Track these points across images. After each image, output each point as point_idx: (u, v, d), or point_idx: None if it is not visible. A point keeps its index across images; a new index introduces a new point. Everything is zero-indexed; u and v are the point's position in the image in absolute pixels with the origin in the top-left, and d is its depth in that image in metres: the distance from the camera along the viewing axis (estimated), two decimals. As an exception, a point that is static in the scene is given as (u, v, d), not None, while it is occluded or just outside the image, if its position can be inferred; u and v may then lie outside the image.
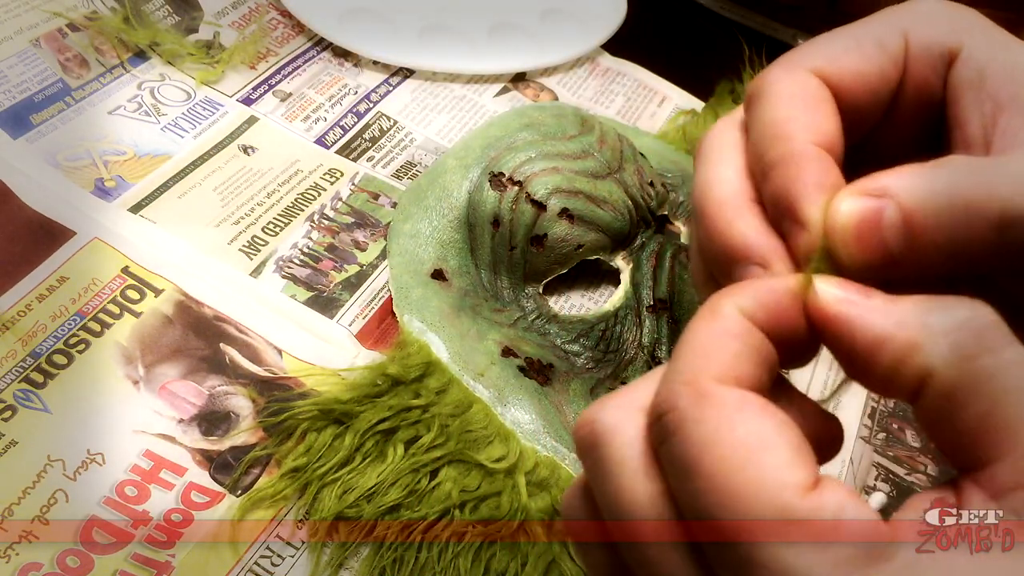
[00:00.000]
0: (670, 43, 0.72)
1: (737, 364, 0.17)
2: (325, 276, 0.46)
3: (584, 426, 0.19)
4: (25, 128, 0.47)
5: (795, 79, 0.20)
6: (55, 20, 0.51)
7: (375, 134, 0.55)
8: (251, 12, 0.60)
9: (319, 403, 0.39)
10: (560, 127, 0.49)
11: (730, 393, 0.17)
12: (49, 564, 0.33)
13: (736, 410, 0.17)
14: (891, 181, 0.18)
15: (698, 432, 0.17)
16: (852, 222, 0.18)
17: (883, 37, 0.21)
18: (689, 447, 0.17)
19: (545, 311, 0.47)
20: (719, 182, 0.21)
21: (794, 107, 0.20)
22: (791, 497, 0.16)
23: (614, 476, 0.18)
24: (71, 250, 0.43)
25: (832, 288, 0.18)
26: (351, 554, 0.36)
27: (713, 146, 0.22)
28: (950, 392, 0.16)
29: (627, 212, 0.47)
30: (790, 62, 0.21)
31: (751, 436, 0.16)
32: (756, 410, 0.17)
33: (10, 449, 0.36)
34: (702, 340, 0.18)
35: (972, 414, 0.16)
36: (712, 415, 0.17)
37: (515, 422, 0.41)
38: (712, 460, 0.16)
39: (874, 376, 0.17)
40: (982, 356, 0.16)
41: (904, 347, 0.17)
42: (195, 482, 0.37)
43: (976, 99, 0.20)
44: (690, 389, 0.17)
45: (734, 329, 0.18)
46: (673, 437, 0.17)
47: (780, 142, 0.19)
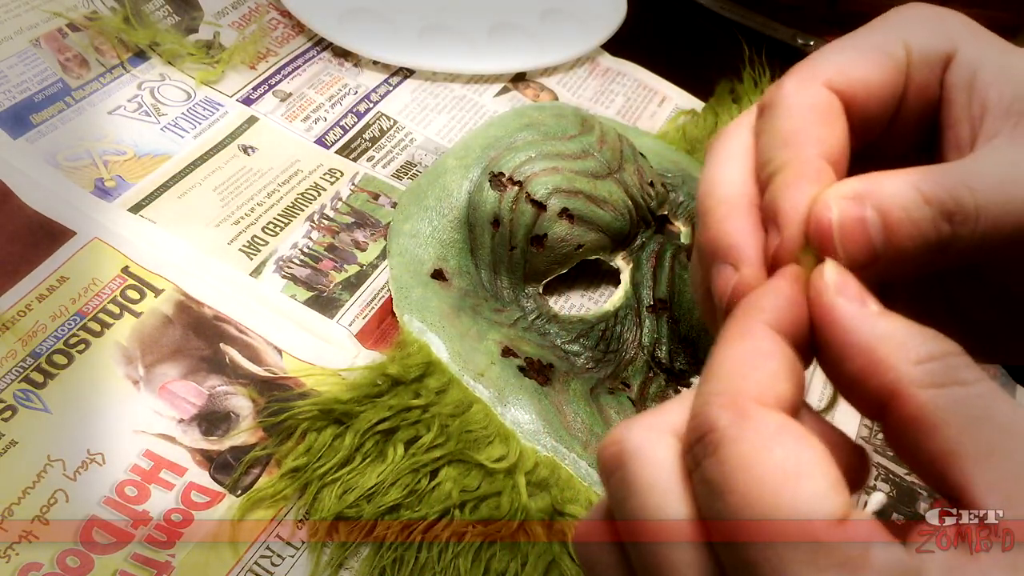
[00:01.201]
0: (670, 43, 0.72)
1: (775, 384, 0.18)
2: (325, 276, 0.46)
3: (610, 446, 0.19)
4: (25, 128, 0.48)
5: (809, 91, 0.21)
6: (55, 20, 0.51)
7: (375, 134, 0.55)
8: (251, 12, 0.60)
9: (319, 403, 0.39)
10: (560, 127, 0.49)
11: (771, 416, 0.17)
12: (49, 564, 0.33)
13: (776, 433, 0.17)
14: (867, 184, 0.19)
15: (737, 452, 0.17)
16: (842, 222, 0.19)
17: (887, 46, 0.21)
18: (726, 467, 0.17)
19: (545, 311, 0.47)
20: (723, 182, 0.21)
21: (805, 119, 0.20)
22: (823, 527, 0.16)
23: (641, 496, 0.18)
24: (71, 250, 0.43)
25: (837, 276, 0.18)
26: (351, 554, 0.36)
27: (723, 146, 0.22)
28: (917, 416, 0.17)
29: (627, 212, 0.47)
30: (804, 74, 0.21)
31: (789, 461, 0.16)
32: (796, 436, 0.17)
33: (10, 449, 0.36)
34: (737, 360, 0.18)
35: (938, 440, 0.17)
36: (752, 436, 0.17)
37: (515, 422, 0.41)
38: (749, 481, 0.16)
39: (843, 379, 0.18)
40: (952, 387, 0.17)
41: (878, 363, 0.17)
42: (195, 482, 0.37)
43: (967, 102, 0.21)
44: (730, 410, 0.17)
45: (768, 348, 0.18)
46: (711, 458, 0.17)
47: (786, 151, 0.20)
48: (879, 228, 0.19)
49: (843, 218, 0.19)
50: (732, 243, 0.20)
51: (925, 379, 0.17)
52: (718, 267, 0.21)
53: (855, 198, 0.19)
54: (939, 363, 0.17)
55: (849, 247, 0.19)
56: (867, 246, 0.19)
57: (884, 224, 0.19)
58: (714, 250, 0.21)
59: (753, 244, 0.20)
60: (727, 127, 0.23)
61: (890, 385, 0.17)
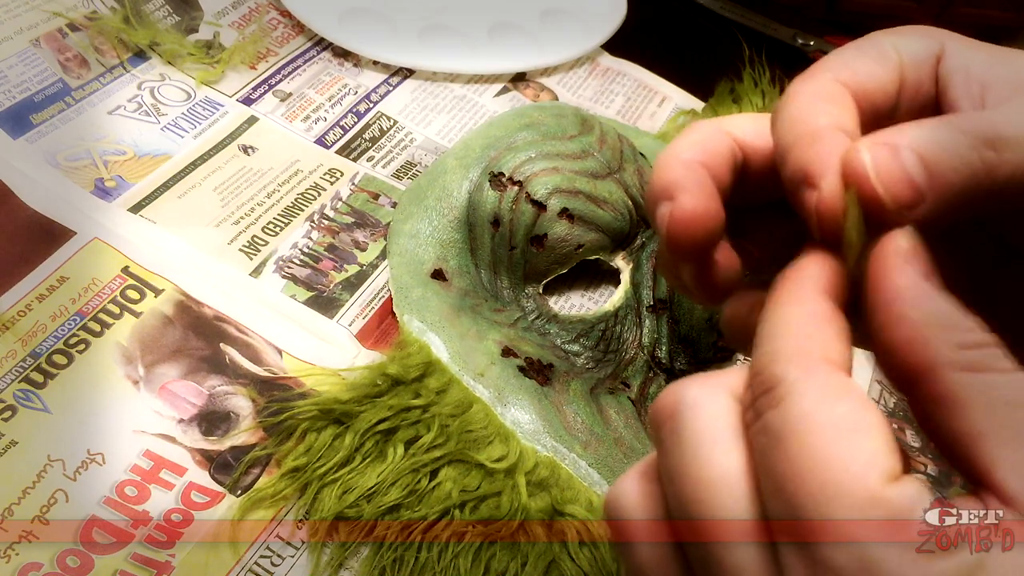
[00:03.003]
0: (670, 43, 0.72)
1: (836, 346, 0.18)
2: (325, 276, 0.46)
3: (666, 397, 0.20)
4: (25, 128, 0.48)
5: (818, 81, 0.22)
6: (55, 20, 0.51)
7: (375, 134, 0.55)
8: (251, 12, 0.60)
9: (319, 403, 0.39)
10: (560, 127, 0.49)
11: (837, 373, 0.18)
12: (49, 564, 0.33)
13: (842, 389, 0.17)
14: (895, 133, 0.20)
15: (803, 404, 0.17)
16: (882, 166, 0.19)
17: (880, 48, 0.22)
18: (791, 416, 0.17)
19: (545, 311, 0.47)
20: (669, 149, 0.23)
21: (816, 101, 0.21)
22: (876, 481, 0.16)
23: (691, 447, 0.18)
24: (71, 250, 0.43)
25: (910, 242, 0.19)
26: (351, 554, 0.36)
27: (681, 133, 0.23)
28: (948, 395, 0.17)
29: (627, 212, 0.47)
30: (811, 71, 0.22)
31: (850, 416, 0.17)
32: (859, 395, 0.17)
33: (10, 449, 0.36)
34: (800, 322, 0.19)
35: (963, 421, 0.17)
36: (818, 390, 0.17)
37: (515, 422, 0.41)
38: (811, 431, 0.17)
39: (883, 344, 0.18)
40: (988, 372, 0.17)
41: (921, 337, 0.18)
42: (195, 482, 0.37)
43: (964, 83, 0.22)
44: (798, 365, 0.18)
45: (828, 312, 0.19)
46: (775, 409, 0.17)
47: (800, 124, 0.21)
48: (918, 166, 0.19)
49: (877, 160, 0.19)
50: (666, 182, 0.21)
51: (963, 362, 0.17)
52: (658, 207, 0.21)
53: (886, 143, 0.19)
54: (979, 352, 0.17)
55: (891, 188, 0.19)
56: (909, 185, 0.19)
57: (923, 162, 0.19)
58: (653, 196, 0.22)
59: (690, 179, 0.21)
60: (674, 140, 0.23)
61: (928, 362, 0.17)
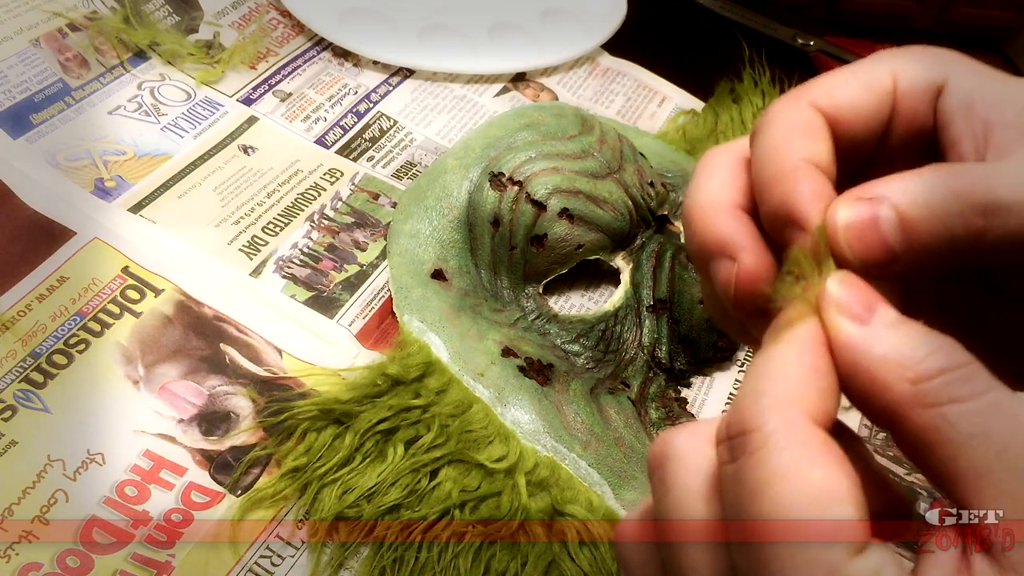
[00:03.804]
0: (670, 43, 0.72)
1: (825, 402, 0.18)
2: (325, 276, 0.46)
3: (657, 445, 0.20)
4: (25, 128, 0.48)
5: (795, 109, 0.21)
6: (55, 20, 0.51)
7: (375, 134, 0.55)
8: (251, 12, 0.60)
9: (319, 403, 0.39)
10: (560, 127, 0.49)
11: (817, 433, 0.17)
12: (49, 564, 0.33)
13: (819, 452, 0.17)
14: (882, 186, 0.19)
15: (777, 460, 0.17)
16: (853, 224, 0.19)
17: (874, 74, 0.22)
18: (764, 472, 0.17)
19: (545, 311, 0.47)
20: (703, 191, 0.22)
21: (791, 132, 0.21)
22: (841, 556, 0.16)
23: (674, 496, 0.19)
24: (71, 250, 0.43)
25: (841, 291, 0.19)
26: (351, 554, 0.36)
27: (703, 166, 0.23)
28: (916, 435, 0.17)
29: (627, 212, 0.47)
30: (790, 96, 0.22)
31: (823, 483, 0.17)
32: (836, 459, 0.17)
33: (10, 449, 0.36)
34: (791, 371, 0.18)
35: (938, 458, 0.17)
36: (796, 447, 0.17)
37: (515, 422, 0.41)
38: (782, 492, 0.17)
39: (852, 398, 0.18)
40: (948, 405, 0.17)
41: (876, 385, 0.18)
42: (195, 482, 0.37)
43: (966, 122, 0.21)
44: (780, 414, 0.17)
45: (823, 366, 0.18)
46: (750, 457, 0.17)
47: (778, 159, 0.21)
48: (895, 227, 0.19)
49: (851, 220, 0.19)
50: (723, 237, 0.21)
51: (921, 399, 0.17)
52: (716, 263, 0.21)
53: (870, 199, 0.19)
54: (937, 380, 0.17)
55: (858, 249, 0.19)
56: (880, 247, 0.19)
57: (901, 222, 0.19)
58: (707, 248, 0.21)
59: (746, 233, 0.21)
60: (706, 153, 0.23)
61: (890, 406, 0.17)
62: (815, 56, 0.70)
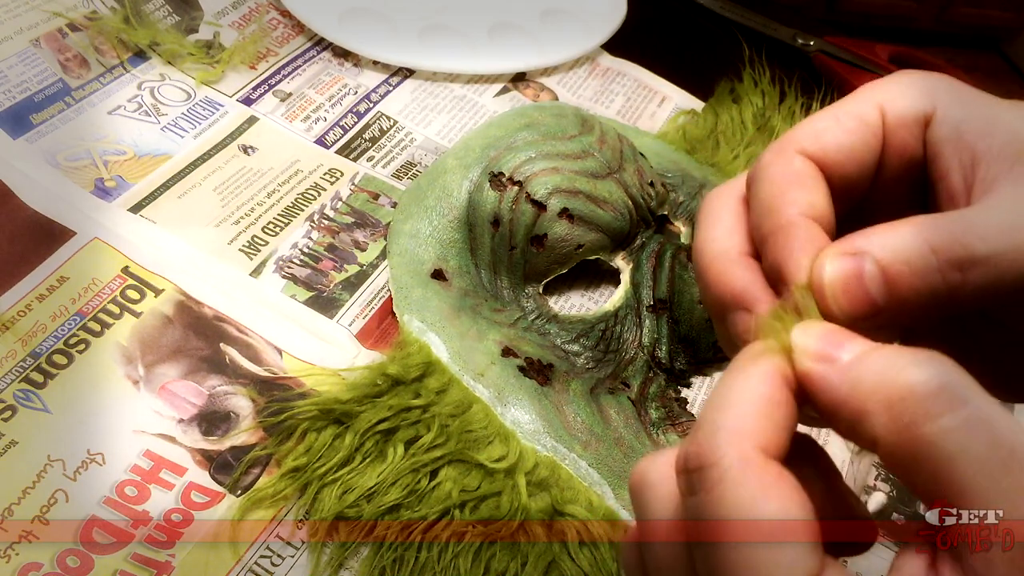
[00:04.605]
0: (670, 43, 0.72)
1: (778, 435, 0.18)
2: (325, 276, 0.46)
3: (636, 473, 0.21)
4: (25, 128, 0.48)
5: (785, 160, 0.22)
6: (55, 20, 0.51)
7: (375, 134, 0.55)
8: (251, 12, 0.60)
9: (319, 403, 0.39)
10: (560, 127, 0.49)
11: (771, 467, 0.18)
12: (49, 564, 0.33)
13: (773, 485, 0.17)
14: (865, 240, 0.20)
15: (735, 495, 0.17)
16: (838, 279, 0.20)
17: (860, 111, 0.22)
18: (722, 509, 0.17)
19: (545, 311, 0.47)
20: (712, 240, 0.23)
21: (784, 185, 0.21)
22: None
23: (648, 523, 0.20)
24: (71, 250, 0.43)
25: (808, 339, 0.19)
26: (351, 554, 0.36)
27: (708, 211, 0.23)
28: (894, 458, 0.17)
29: (627, 212, 0.47)
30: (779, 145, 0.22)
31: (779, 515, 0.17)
32: (789, 491, 0.18)
33: (10, 449, 0.36)
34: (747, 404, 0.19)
35: (921, 478, 0.17)
36: (751, 483, 0.17)
37: (515, 422, 0.41)
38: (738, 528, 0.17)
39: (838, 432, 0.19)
40: (923, 424, 0.17)
41: (853, 415, 0.18)
42: (195, 482, 0.37)
43: (955, 152, 0.21)
44: (736, 449, 0.18)
45: (780, 398, 0.19)
46: (709, 493, 0.18)
47: (773, 216, 0.21)
48: (878, 282, 0.19)
49: (836, 275, 0.19)
50: (737, 290, 0.21)
51: (894, 425, 0.17)
52: (733, 315, 0.22)
53: (854, 254, 0.19)
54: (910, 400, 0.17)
55: (843, 303, 0.19)
56: (864, 300, 0.19)
57: (884, 278, 0.19)
58: (723, 302, 0.22)
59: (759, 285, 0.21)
60: (707, 195, 0.24)
61: (868, 434, 0.18)
62: (815, 56, 0.70)
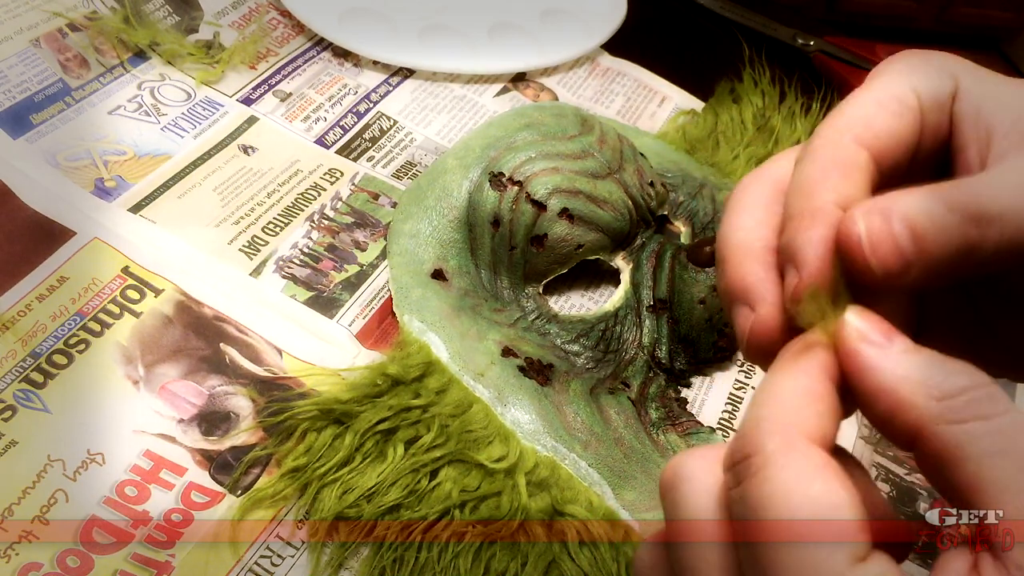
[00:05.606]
0: (670, 43, 0.72)
1: (822, 424, 0.19)
2: (325, 276, 0.46)
3: (669, 469, 0.21)
4: (25, 128, 0.48)
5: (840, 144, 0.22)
6: (55, 20, 0.51)
7: (375, 134, 0.55)
8: (251, 12, 0.60)
9: (319, 403, 0.39)
10: (560, 127, 0.49)
11: (816, 452, 0.18)
12: (49, 564, 0.33)
13: (818, 469, 0.18)
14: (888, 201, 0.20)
15: (779, 478, 0.18)
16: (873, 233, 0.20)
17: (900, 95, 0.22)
18: (767, 489, 0.18)
19: (545, 311, 0.47)
20: (738, 229, 0.23)
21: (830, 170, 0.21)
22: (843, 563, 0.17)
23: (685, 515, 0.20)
24: (71, 250, 0.43)
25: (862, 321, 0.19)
26: (351, 554, 0.36)
27: (739, 197, 0.23)
28: (940, 451, 0.18)
29: (627, 212, 0.47)
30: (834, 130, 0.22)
31: (823, 497, 0.17)
32: (835, 475, 0.18)
33: (10, 449, 0.36)
34: (792, 394, 0.19)
35: (962, 474, 0.17)
36: (796, 466, 0.18)
37: (515, 422, 0.41)
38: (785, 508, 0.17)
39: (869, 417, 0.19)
40: (973, 422, 0.17)
41: (897, 403, 0.18)
42: (195, 482, 0.37)
43: (973, 127, 0.22)
44: (779, 437, 0.18)
45: (821, 390, 0.19)
46: (753, 478, 0.18)
47: (807, 198, 0.21)
48: (907, 237, 0.19)
49: (871, 230, 0.20)
50: (747, 285, 0.22)
51: (946, 415, 0.18)
52: (737, 308, 0.22)
53: (881, 212, 0.20)
54: (960, 399, 0.18)
55: (881, 257, 0.20)
56: (898, 256, 0.19)
57: (912, 233, 0.19)
58: (732, 293, 0.22)
59: (768, 285, 0.22)
60: (744, 179, 0.24)
61: (914, 423, 0.18)
62: (815, 56, 0.70)
